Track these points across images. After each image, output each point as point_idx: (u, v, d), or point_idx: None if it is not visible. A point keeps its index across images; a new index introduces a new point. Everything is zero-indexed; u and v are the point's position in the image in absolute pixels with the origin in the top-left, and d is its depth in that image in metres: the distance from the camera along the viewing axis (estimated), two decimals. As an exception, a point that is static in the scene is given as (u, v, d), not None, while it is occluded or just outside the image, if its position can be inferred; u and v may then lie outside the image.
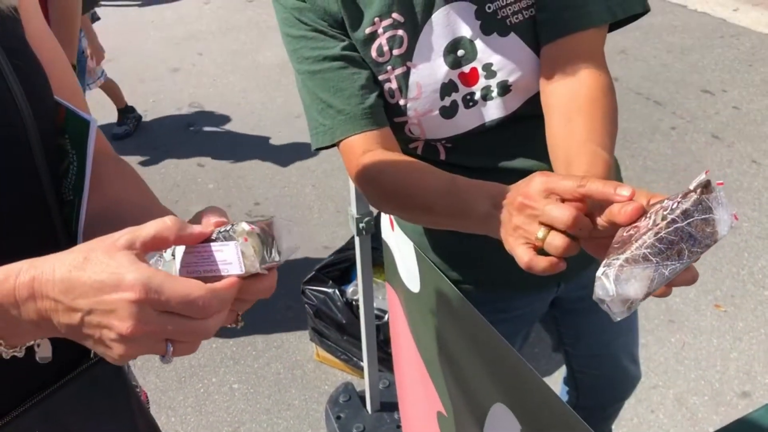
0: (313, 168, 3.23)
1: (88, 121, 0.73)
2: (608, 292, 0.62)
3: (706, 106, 3.46)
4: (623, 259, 0.62)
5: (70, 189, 0.76)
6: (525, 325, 1.27)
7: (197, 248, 0.60)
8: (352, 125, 0.97)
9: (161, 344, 0.58)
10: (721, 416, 2.00)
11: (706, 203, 0.62)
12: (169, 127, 3.62)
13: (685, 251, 0.62)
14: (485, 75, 0.98)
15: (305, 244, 2.77)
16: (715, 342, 2.23)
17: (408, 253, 1.18)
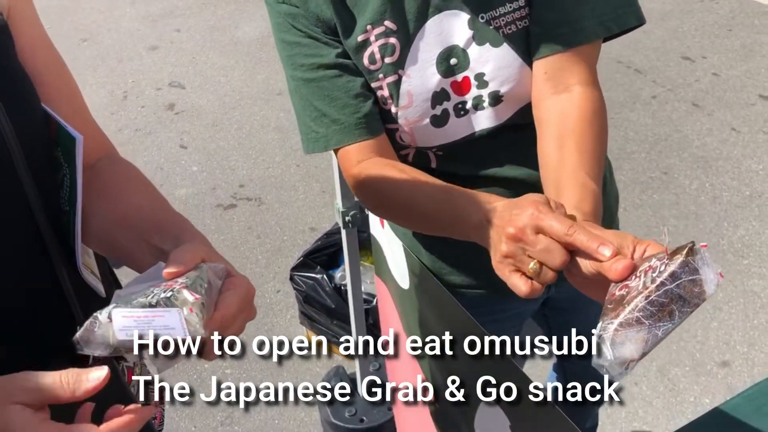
0: (296, 147, 3.22)
1: (75, 138, 0.73)
2: (606, 358, 0.66)
3: (686, 74, 3.48)
4: (617, 324, 0.65)
5: (66, 200, 0.77)
6: (516, 324, 1.30)
7: (135, 314, 0.60)
8: (347, 135, 0.97)
9: None
10: (702, 386, 2.06)
11: (692, 265, 0.65)
12: (150, 108, 3.59)
13: (675, 312, 0.65)
14: (477, 84, 0.98)
15: (291, 225, 2.79)
16: (695, 312, 2.28)
17: (397, 251, 1.20)
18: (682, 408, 2.01)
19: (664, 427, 1.97)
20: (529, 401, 0.93)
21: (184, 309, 0.59)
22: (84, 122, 0.82)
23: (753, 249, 2.50)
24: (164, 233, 0.73)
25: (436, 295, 1.07)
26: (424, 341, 1.19)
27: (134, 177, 0.83)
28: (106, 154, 0.86)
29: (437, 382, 1.27)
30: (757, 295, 2.33)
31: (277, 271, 2.57)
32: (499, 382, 1.01)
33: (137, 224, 0.75)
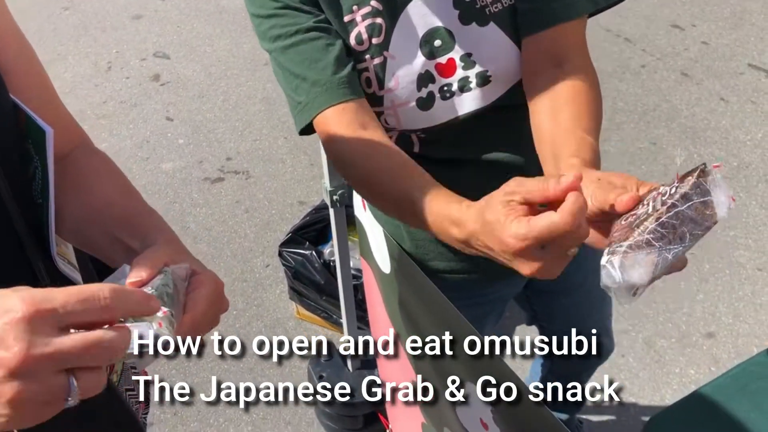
0: (284, 119, 3.19)
1: (44, 130, 0.72)
2: (614, 279, 0.63)
3: (675, 42, 3.46)
4: (627, 246, 0.63)
5: (38, 193, 0.76)
6: (498, 307, 1.30)
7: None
8: (329, 96, 0.93)
9: (61, 378, 0.47)
10: (687, 357, 2.09)
11: (704, 186, 0.64)
12: (135, 79, 3.54)
13: (686, 234, 0.64)
14: (463, 66, 0.97)
15: (279, 199, 2.78)
16: (682, 285, 2.31)
17: (378, 235, 1.20)
18: (668, 379, 2.04)
19: (649, 398, 2.00)
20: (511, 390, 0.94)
21: (153, 324, 0.58)
22: (56, 113, 0.81)
23: (739, 220, 2.51)
24: (132, 230, 0.72)
25: (417, 282, 1.07)
26: (425, 341, 1.19)
27: (106, 170, 0.82)
28: (78, 144, 0.84)
29: (420, 364, 1.28)
30: (743, 266, 2.35)
31: (266, 246, 2.57)
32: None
33: (107, 220, 0.75)
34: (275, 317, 2.32)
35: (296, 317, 2.30)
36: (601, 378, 1.98)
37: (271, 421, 2.02)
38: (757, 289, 2.27)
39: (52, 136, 0.71)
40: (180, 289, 0.63)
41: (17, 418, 0.46)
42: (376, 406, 1.86)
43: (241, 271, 2.48)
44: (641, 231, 0.64)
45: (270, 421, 2.02)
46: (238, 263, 2.51)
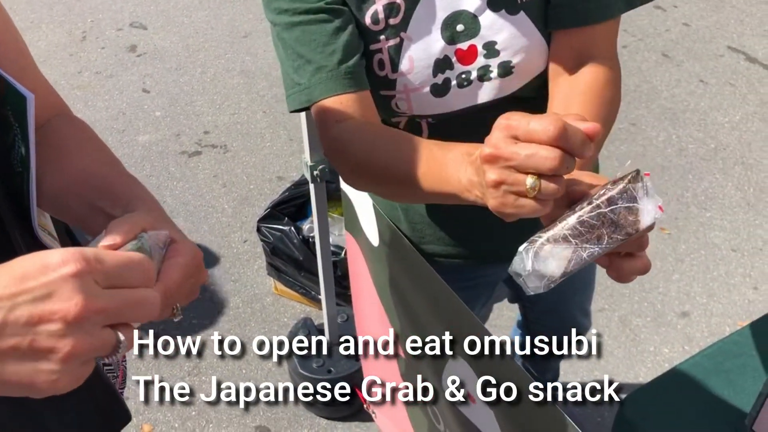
0: (263, 93, 3.15)
1: (25, 96, 0.70)
2: (525, 268, 0.65)
3: (657, 23, 3.46)
4: (545, 238, 0.65)
5: (18, 162, 0.74)
6: (488, 290, 1.31)
7: None
8: (333, 84, 0.88)
9: (109, 332, 0.49)
10: (662, 336, 2.12)
11: (632, 192, 0.63)
12: (111, 50, 3.46)
13: (605, 236, 0.64)
14: (485, 54, 0.93)
15: (258, 174, 2.75)
16: (658, 264, 2.33)
17: (367, 208, 1.19)
18: (642, 357, 2.07)
19: (624, 376, 2.03)
20: (498, 362, 0.94)
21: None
22: (34, 80, 0.78)
23: (716, 201, 2.54)
24: (114, 199, 0.70)
25: (405, 255, 1.07)
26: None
27: (86, 138, 0.80)
28: (57, 112, 0.82)
29: (407, 337, 1.28)
30: (718, 247, 2.38)
31: (244, 221, 2.55)
32: (467, 340, 1.03)
33: (87, 189, 0.73)
34: (253, 293, 2.30)
35: (274, 293, 2.29)
36: (601, 376, 2.01)
37: (248, 396, 2.02)
38: (731, 269, 2.31)
39: (34, 103, 0.69)
40: (155, 257, 0.62)
41: (65, 376, 0.47)
42: (353, 381, 1.86)
43: (218, 246, 2.45)
44: (562, 226, 0.64)
45: (247, 396, 2.02)
46: (216, 238, 2.48)
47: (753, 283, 2.26)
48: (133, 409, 0.99)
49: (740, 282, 2.26)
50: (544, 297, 1.38)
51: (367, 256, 1.35)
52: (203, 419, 1.96)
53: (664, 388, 1.09)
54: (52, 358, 0.46)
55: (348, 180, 0.96)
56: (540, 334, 1.50)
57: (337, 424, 1.94)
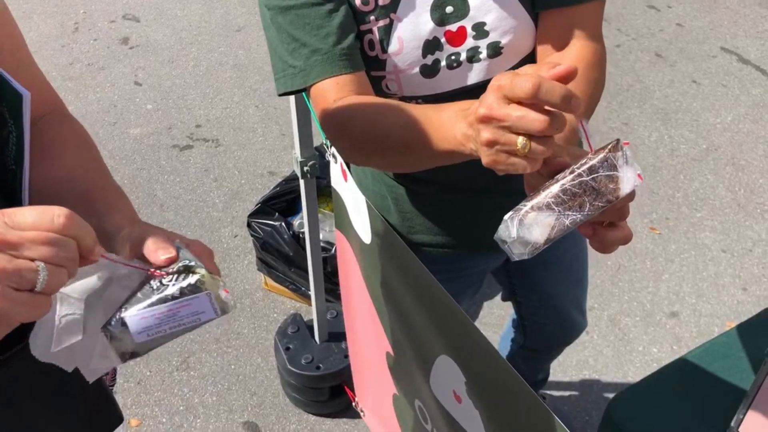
0: (255, 87, 3.14)
1: (21, 94, 0.69)
2: (510, 234, 0.67)
3: (650, 23, 3.47)
4: (529, 206, 0.67)
5: (12, 159, 0.73)
6: (477, 280, 1.30)
7: (155, 312, 0.58)
8: (329, 66, 0.90)
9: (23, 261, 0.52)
10: (651, 336, 2.12)
11: (612, 161, 0.66)
12: (103, 42, 3.44)
13: (586, 204, 0.66)
14: (474, 35, 0.94)
15: (249, 169, 2.74)
16: (648, 264, 2.33)
17: (361, 206, 1.18)
18: (631, 357, 2.07)
19: (613, 375, 2.03)
20: (486, 361, 0.94)
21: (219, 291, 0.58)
22: (31, 76, 0.78)
23: (707, 202, 2.54)
24: (90, 206, 0.70)
25: (399, 254, 1.06)
26: (403, 313, 1.18)
27: (75, 141, 0.79)
28: (52, 110, 0.81)
29: (397, 336, 1.28)
30: (708, 247, 2.38)
31: (235, 216, 2.54)
32: (456, 340, 1.02)
33: (66, 194, 0.73)
34: (243, 288, 2.29)
35: (264, 288, 2.28)
36: (591, 375, 2.01)
37: (236, 392, 2.01)
38: (721, 270, 2.31)
39: (30, 101, 0.68)
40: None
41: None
42: (342, 378, 1.85)
43: (208, 240, 2.44)
44: (545, 194, 0.67)
45: (235, 392, 2.01)
46: (206, 232, 2.47)
47: (742, 284, 2.27)
48: (121, 403, 0.99)
49: (729, 282, 2.27)
50: (537, 292, 1.38)
51: (358, 253, 1.35)
52: (191, 414, 1.95)
53: (652, 387, 1.09)
54: None
55: (349, 155, 0.97)
56: (535, 332, 1.51)
57: (326, 421, 1.93)
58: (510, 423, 0.96)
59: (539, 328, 1.47)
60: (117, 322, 0.58)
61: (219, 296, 0.59)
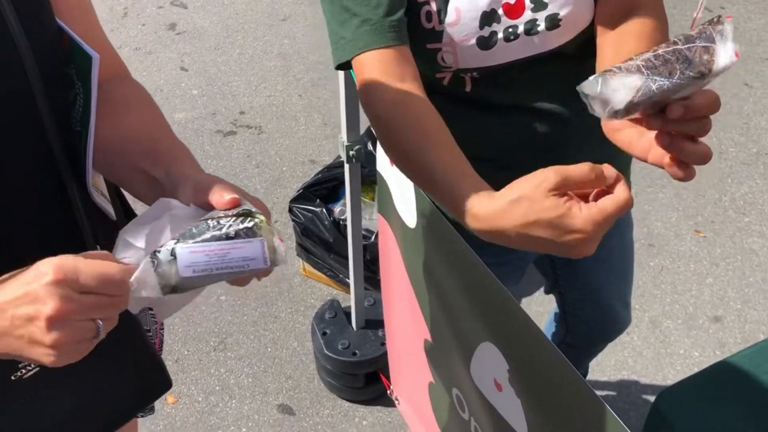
0: (299, 77, 3.15)
1: (91, 56, 0.70)
2: (594, 89, 0.67)
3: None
4: (617, 67, 0.67)
5: (78, 120, 0.74)
6: (523, 267, 1.29)
7: (207, 248, 0.58)
8: (376, 37, 0.90)
9: (89, 323, 0.59)
10: (693, 339, 2.08)
11: (711, 33, 0.65)
12: (151, 27, 3.49)
13: (677, 71, 0.65)
14: (533, 7, 0.93)
15: (291, 157, 2.75)
16: (692, 267, 2.29)
17: (407, 189, 1.18)
18: (672, 360, 2.03)
19: (652, 377, 1.99)
20: (533, 348, 0.92)
21: (273, 239, 0.58)
22: (98, 40, 0.79)
23: (755, 207, 2.48)
24: (157, 160, 0.71)
25: (446, 237, 1.05)
26: (445, 299, 1.17)
27: (139, 101, 0.80)
28: (117, 74, 0.82)
29: (437, 322, 1.27)
30: (755, 253, 2.33)
31: (275, 202, 2.55)
32: (502, 326, 1.01)
33: (132, 151, 0.74)
34: (281, 273, 2.31)
35: (302, 274, 2.29)
36: (630, 376, 1.98)
37: (272, 374, 2.02)
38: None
39: (98, 63, 0.69)
40: None
41: (61, 356, 0.58)
42: (378, 365, 1.85)
43: (248, 225, 2.45)
44: (638, 58, 0.66)
45: (270, 374, 2.02)
46: (247, 217, 2.48)
47: (790, 291, 2.21)
48: (159, 378, 1.00)
49: (777, 289, 2.21)
50: (582, 282, 1.36)
51: (400, 239, 1.34)
52: (226, 394, 1.97)
53: (701, 384, 1.06)
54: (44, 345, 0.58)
55: (373, 127, 0.96)
56: (578, 326, 1.48)
57: (359, 407, 1.93)
58: (555, 412, 0.94)
59: (582, 321, 1.45)
60: (167, 251, 0.58)
61: (272, 245, 0.59)
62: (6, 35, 0.66)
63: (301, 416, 1.92)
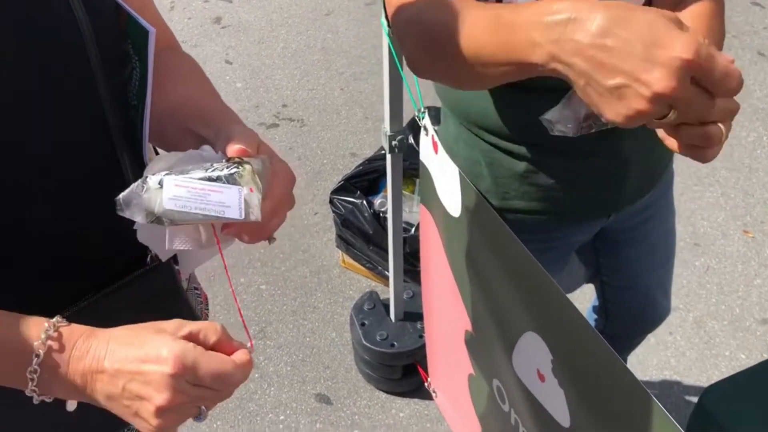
0: (342, 71, 3.16)
1: (148, 30, 0.72)
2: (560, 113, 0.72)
3: (754, 20, 3.31)
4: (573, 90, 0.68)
5: (134, 95, 0.76)
6: (565, 254, 1.27)
7: (191, 184, 0.59)
8: None
9: (194, 409, 0.63)
10: (739, 341, 2.03)
11: None
12: (197, 21, 3.54)
13: None
14: None
15: (332, 149, 2.76)
16: (739, 268, 2.23)
17: (452, 177, 1.17)
18: (716, 362, 1.99)
19: (695, 378, 1.95)
20: (578, 338, 0.91)
21: (245, 189, 0.58)
22: (151, 15, 0.80)
23: (806, 207, 2.41)
24: (207, 121, 0.73)
25: (491, 226, 1.04)
26: (489, 289, 1.16)
27: (190, 70, 0.82)
28: (169, 46, 0.84)
29: (479, 312, 1.26)
30: (806, 254, 2.26)
31: (316, 194, 2.57)
32: (547, 315, 1.00)
33: (183, 115, 0.76)
34: (320, 264, 2.32)
35: (341, 266, 2.30)
36: (672, 377, 1.94)
37: (310, 364, 2.03)
38: (819, 279, 2.19)
39: (155, 37, 0.70)
40: (265, 176, 0.64)
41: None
42: (416, 357, 1.85)
43: (290, 216, 2.43)
44: None
45: (309, 364, 2.03)
46: (288, 208, 2.51)
47: (842, 294, 2.14)
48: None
49: (828, 293, 2.15)
50: (624, 270, 1.34)
51: (442, 228, 1.34)
52: (265, 382, 1.99)
53: (749, 381, 1.04)
54: (148, 424, 0.62)
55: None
56: (618, 316, 1.46)
57: (396, 399, 1.93)
58: (599, 403, 0.93)
59: (623, 310, 1.43)
60: (156, 179, 0.59)
61: (249, 199, 0.60)
62: (71, 18, 0.67)
63: (339, 406, 1.93)
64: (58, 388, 0.63)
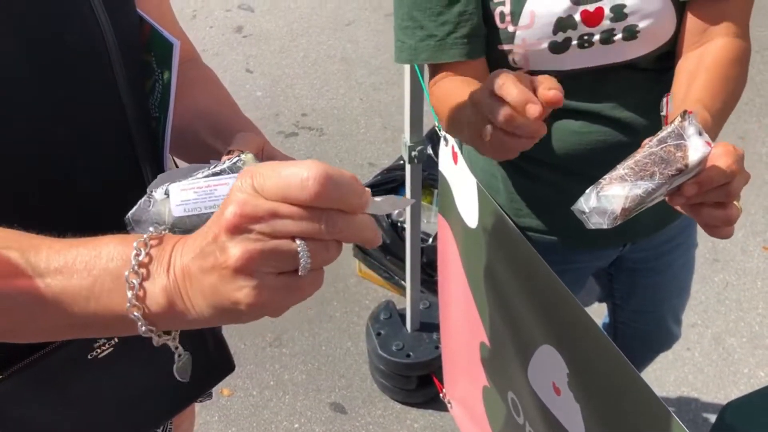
0: (361, 81, 3.18)
1: (172, 43, 0.73)
2: (590, 204, 0.73)
3: (776, 35, 3.29)
4: (604, 179, 0.73)
5: (156, 106, 0.77)
6: (580, 279, 1.27)
7: (196, 184, 0.58)
8: (439, 53, 0.94)
9: (282, 241, 0.45)
10: (758, 358, 2.01)
11: (679, 131, 0.71)
12: (218, 30, 3.58)
13: (656, 173, 0.71)
14: (612, 17, 0.92)
15: (351, 159, 2.78)
16: (759, 284, 2.21)
17: (470, 188, 1.18)
18: (735, 378, 1.97)
19: (713, 395, 1.93)
20: (596, 352, 0.91)
21: None
22: (172, 28, 0.82)
23: (828, 225, 2.39)
24: (218, 133, 0.74)
25: (508, 238, 1.05)
26: (505, 300, 1.16)
27: (209, 81, 0.83)
28: (190, 57, 0.85)
29: (495, 324, 1.26)
30: (827, 272, 2.24)
31: (334, 203, 2.57)
32: (563, 328, 1.00)
33: (200, 126, 0.77)
34: (337, 272, 2.33)
35: (358, 275, 2.30)
36: (689, 393, 1.93)
37: (326, 372, 2.04)
38: (840, 297, 2.16)
39: (179, 49, 0.71)
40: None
41: (261, 290, 0.45)
42: (431, 368, 1.85)
43: (307, 224, 2.48)
44: (620, 167, 0.72)
45: (324, 372, 2.04)
46: (305, 217, 2.52)
47: None
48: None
49: None
50: (638, 297, 1.33)
51: (460, 240, 1.34)
52: (280, 390, 1.99)
53: (770, 399, 1.03)
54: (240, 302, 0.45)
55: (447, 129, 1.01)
56: (627, 338, 1.45)
57: (411, 410, 1.93)
58: (616, 418, 0.92)
59: (632, 333, 1.42)
60: (161, 191, 0.58)
61: None
62: (96, 31, 0.69)
63: (353, 415, 1.93)
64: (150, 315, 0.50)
